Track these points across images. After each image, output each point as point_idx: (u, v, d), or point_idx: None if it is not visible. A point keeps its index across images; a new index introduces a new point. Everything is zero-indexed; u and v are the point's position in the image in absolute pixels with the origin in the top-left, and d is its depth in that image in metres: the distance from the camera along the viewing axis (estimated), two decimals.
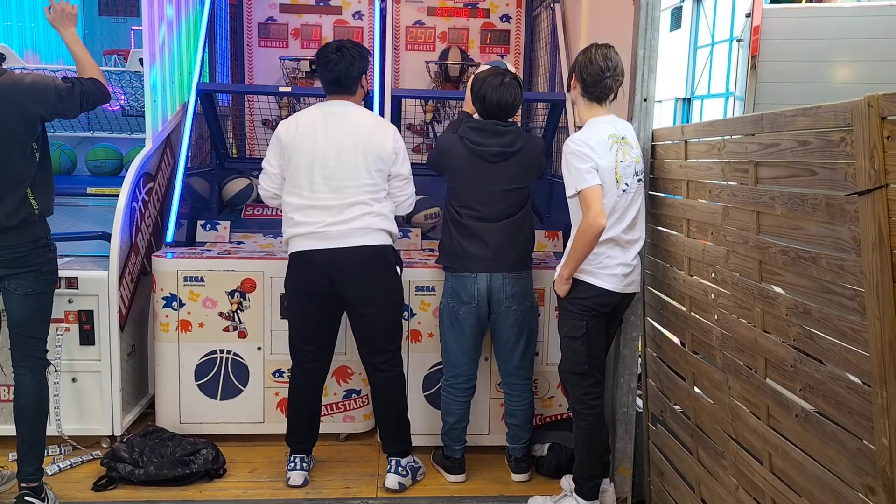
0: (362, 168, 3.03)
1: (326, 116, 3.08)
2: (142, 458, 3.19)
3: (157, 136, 3.78)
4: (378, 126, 3.13)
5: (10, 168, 2.77)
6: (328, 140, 3.03)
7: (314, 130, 3.05)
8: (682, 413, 2.83)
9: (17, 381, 2.92)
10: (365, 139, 3.05)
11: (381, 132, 3.10)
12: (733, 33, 9.75)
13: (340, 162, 3.02)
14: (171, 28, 3.93)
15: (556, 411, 3.60)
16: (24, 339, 2.91)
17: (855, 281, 1.74)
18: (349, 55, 3.05)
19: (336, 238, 3.00)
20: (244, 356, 3.52)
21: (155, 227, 3.89)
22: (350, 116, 3.09)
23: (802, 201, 1.96)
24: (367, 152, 3.04)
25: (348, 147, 3.03)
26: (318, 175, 3.02)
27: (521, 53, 5.14)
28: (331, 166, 3.02)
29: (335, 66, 3.05)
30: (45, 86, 2.81)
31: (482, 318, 3.17)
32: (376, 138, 3.07)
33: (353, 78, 3.10)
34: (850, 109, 1.70)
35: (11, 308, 2.87)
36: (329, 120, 3.07)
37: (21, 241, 2.82)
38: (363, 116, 3.15)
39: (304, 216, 3.03)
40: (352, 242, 3.00)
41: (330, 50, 3.07)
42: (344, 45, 3.09)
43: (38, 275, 2.87)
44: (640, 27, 2.96)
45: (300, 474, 3.24)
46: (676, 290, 2.84)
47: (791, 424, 2.05)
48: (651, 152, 3.04)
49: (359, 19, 5.01)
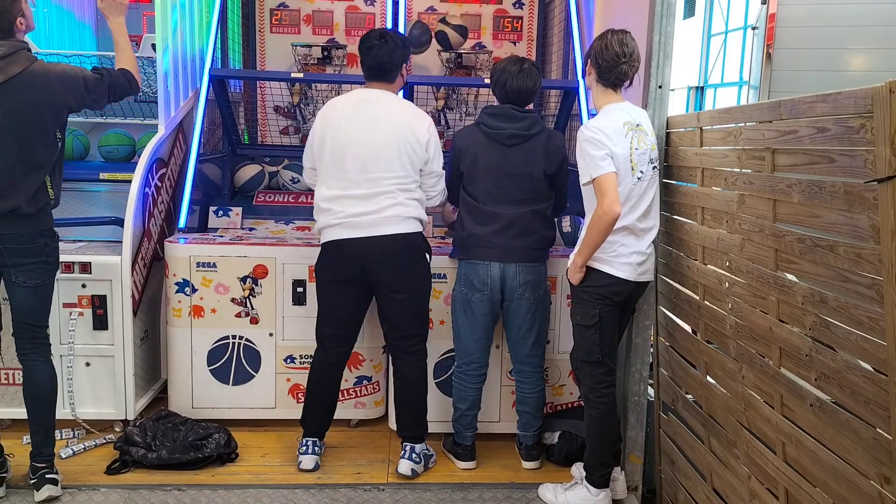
0: (395, 159, 3.04)
1: (361, 104, 3.11)
2: (154, 441, 3.21)
3: (170, 122, 3.78)
4: (414, 117, 3.13)
5: (31, 154, 2.79)
6: (363, 129, 3.05)
7: (347, 119, 3.07)
8: (695, 402, 2.82)
9: (31, 369, 2.92)
10: (401, 130, 3.06)
11: (417, 124, 3.10)
12: (747, 21, 9.65)
13: (375, 152, 3.03)
14: (183, 14, 3.92)
15: (567, 399, 3.60)
16: (33, 328, 2.92)
17: (873, 269, 1.72)
18: (392, 42, 3.09)
19: (368, 227, 3.02)
20: (256, 342, 3.53)
21: (167, 212, 3.90)
22: (386, 106, 3.11)
23: (820, 189, 1.94)
24: (401, 144, 3.05)
25: (383, 137, 3.04)
26: (350, 164, 3.04)
27: (534, 40, 5.11)
28: (364, 156, 3.03)
29: (378, 51, 3.07)
30: (74, 76, 2.84)
31: (495, 305, 3.17)
32: (412, 130, 3.07)
33: (395, 65, 3.12)
34: (870, 95, 1.68)
35: (19, 299, 2.87)
36: (364, 108, 3.09)
37: (34, 230, 2.84)
38: (400, 106, 3.17)
39: (338, 205, 3.04)
40: (383, 231, 3.02)
41: (374, 36, 3.12)
42: (387, 32, 3.16)
43: (45, 265, 2.89)
44: (656, 13, 2.94)
45: (312, 458, 3.25)
46: (690, 278, 2.82)
47: (805, 414, 2.04)
48: (666, 140, 3.02)
49: (371, 5, 4.99)
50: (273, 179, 4.29)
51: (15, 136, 2.74)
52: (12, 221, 2.78)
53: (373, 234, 3.02)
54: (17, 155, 2.76)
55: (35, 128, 2.77)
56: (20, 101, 2.73)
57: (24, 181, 2.78)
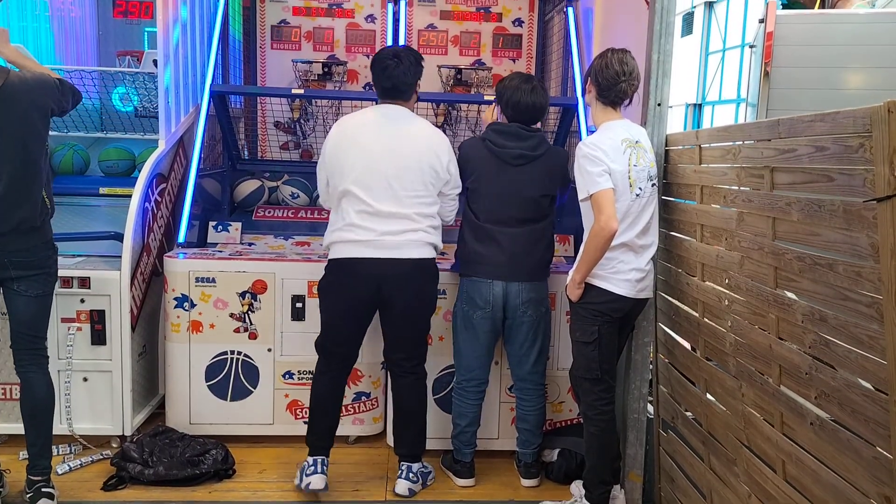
0: (418, 181, 3.02)
1: (382, 120, 3.07)
2: (151, 458, 3.20)
3: (171, 138, 3.79)
4: (436, 140, 3.11)
5: (35, 165, 2.81)
6: (386, 146, 3.01)
7: (369, 134, 3.04)
8: (694, 420, 2.81)
9: (29, 381, 2.92)
10: (424, 152, 3.03)
11: (438, 147, 3.08)
12: (745, 39, 9.71)
13: (400, 171, 2.99)
14: (185, 30, 3.94)
15: (567, 416, 3.59)
16: (31, 338, 2.92)
17: (873, 288, 1.72)
18: (406, 61, 3.05)
19: (389, 248, 2.98)
20: (254, 357, 3.53)
21: (167, 227, 3.90)
22: (409, 124, 3.09)
23: (819, 207, 1.94)
24: (424, 165, 3.02)
25: (408, 157, 3.01)
26: (375, 180, 2.99)
27: (534, 57, 5.14)
28: (390, 174, 2.98)
29: (393, 71, 3.03)
30: (47, 79, 2.89)
31: (497, 322, 3.16)
32: (434, 153, 3.06)
33: (409, 84, 3.09)
34: (869, 115, 1.69)
35: (19, 309, 2.88)
36: (386, 125, 3.05)
37: (39, 242, 2.87)
38: (422, 127, 3.13)
39: (360, 220, 2.99)
40: (403, 254, 3.00)
41: (387, 56, 3.07)
42: (400, 51, 3.10)
43: (47, 277, 2.92)
44: (655, 32, 2.96)
45: (321, 478, 3.11)
46: (689, 295, 2.82)
47: (805, 432, 2.03)
48: (665, 157, 3.03)
49: (371, 22, 5.02)
50: (273, 195, 4.30)
51: (15, 147, 2.76)
52: (23, 235, 2.80)
53: (393, 255, 2.99)
54: (21, 165, 2.78)
55: (31, 135, 2.79)
56: (11, 112, 2.75)
57: (30, 190, 2.80)
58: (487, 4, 5.08)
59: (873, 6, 7.58)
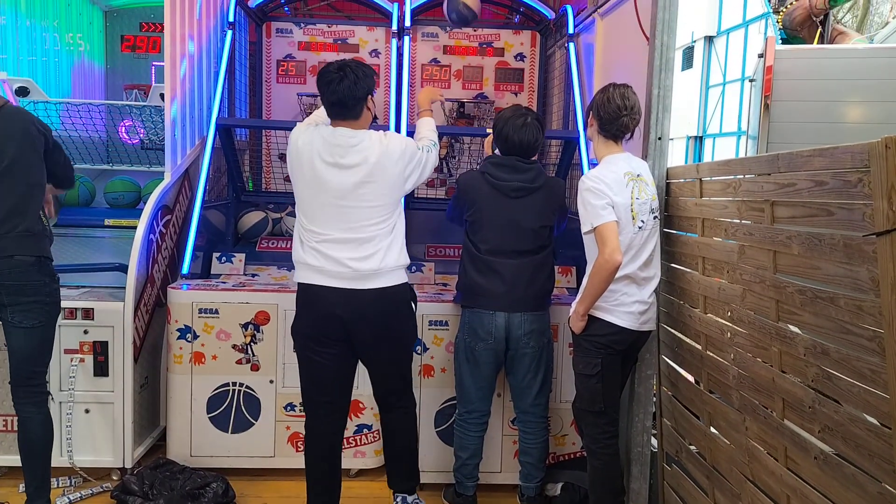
0: (375, 204, 2.82)
1: (328, 148, 2.81)
2: (152, 490, 3.18)
3: (176, 170, 3.83)
4: (386, 150, 2.83)
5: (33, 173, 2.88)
6: (331, 177, 2.80)
7: (315, 163, 2.81)
8: (698, 453, 2.79)
9: (25, 419, 2.87)
10: (374, 171, 2.80)
11: (388, 156, 2.83)
12: (745, 73, 9.81)
13: (350, 199, 2.81)
14: (192, 64, 4.00)
15: (570, 450, 3.56)
16: (29, 373, 2.87)
17: (874, 322, 1.73)
18: (352, 74, 2.76)
19: (351, 279, 2.81)
20: (256, 389, 3.52)
21: (171, 258, 3.92)
22: (355, 149, 2.81)
23: (820, 241, 1.96)
24: (378, 184, 2.82)
25: (358, 183, 2.80)
26: (326, 211, 2.83)
27: (535, 91, 5.21)
28: (340, 204, 2.81)
29: (337, 85, 2.75)
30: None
31: (499, 355, 3.16)
32: (386, 166, 2.82)
33: (358, 98, 2.79)
34: (867, 150, 1.71)
35: (15, 342, 2.83)
36: (332, 154, 2.80)
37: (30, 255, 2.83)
38: (369, 148, 2.82)
39: (320, 246, 2.82)
40: (369, 284, 2.82)
41: (331, 70, 2.79)
42: (346, 63, 2.80)
43: (43, 306, 2.86)
44: (655, 67, 3.00)
45: None
46: (692, 328, 2.82)
47: (810, 467, 2.02)
48: (666, 190, 3.05)
49: (376, 57, 5.09)
50: (276, 226, 4.33)
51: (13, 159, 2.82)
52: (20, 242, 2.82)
53: (358, 286, 2.81)
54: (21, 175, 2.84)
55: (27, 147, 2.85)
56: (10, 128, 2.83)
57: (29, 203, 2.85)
58: (490, 39, 5.16)
59: (871, 41, 7.67)
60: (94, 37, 5.07)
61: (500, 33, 5.20)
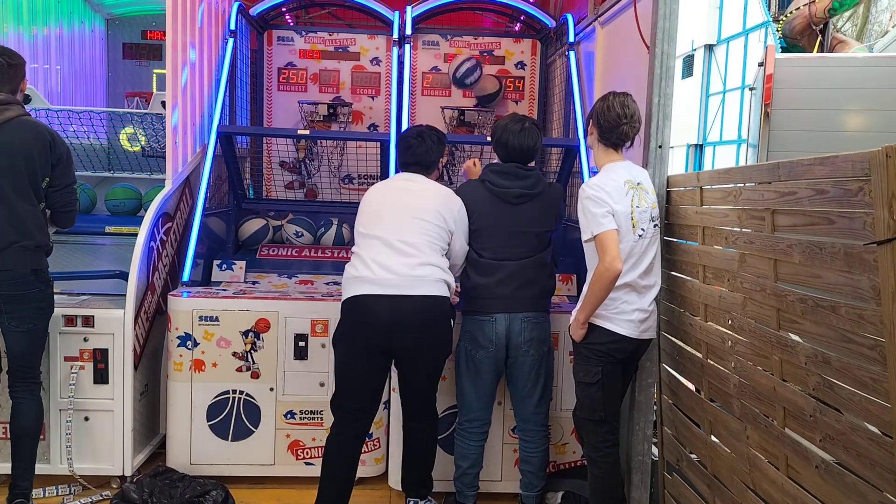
0: (431, 226, 3.04)
1: (402, 182, 3.21)
2: (151, 498, 3.16)
3: (177, 178, 3.83)
4: (451, 197, 3.17)
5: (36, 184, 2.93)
6: (400, 195, 3.12)
7: (391, 191, 3.17)
8: (699, 462, 2.79)
9: (19, 405, 3.04)
10: (438, 203, 3.10)
11: (451, 199, 3.15)
12: (745, 81, 9.84)
13: (415, 215, 3.05)
14: (193, 72, 4.01)
15: (571, 458, 3.55)
16: (25, 369, 3.05)
17: (875, 331, 1.73)
18: (429, 140, 3.20)
19: (397, 286, 2.94)
20: (256, 397, 3.51)
21: (171, 266, 3.91)
22: (425, 182, 3.20)
23: (820, 250, 1.96)
24: (435, 215, 3.06)
25: (421, 207, 3.06)
26: (387, 220, 3.05)
27: (536, 99, 5.21)
28: (405, 217, 3.04)
29: (415, 150, 3.19)
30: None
31: (499, 362, 3.15)
32: (445, 200, 3.12)
33: (433, 161, 3.25)
34: (867, 159, 1.71)
35: (12, 344, 3.01)
36: (405, 182, 3.19)
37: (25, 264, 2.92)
38: (438, 187, 3.22)
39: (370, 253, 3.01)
40: (414, 290, 2.95)
41: (411, 135, 3.23)
42: (424, 131, 3.24)
43: (38, 311, 3.02)
44: (656, 76, 3.01)
45: None
46: (692, 336, 2.82)
47: (811, 475, 2.01)
48: (666, 198, 3.05)
49: (376, 65, 5.11)
50: (277, 233, 4.33)
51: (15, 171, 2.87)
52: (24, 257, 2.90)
53: (404, 293, 2.94)
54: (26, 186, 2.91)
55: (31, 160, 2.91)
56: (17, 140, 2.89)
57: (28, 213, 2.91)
58: (490, 48, 5.17)
59: (871, 50, 7.69)
60: (95, 44, 5.09)
61: (500, 41, 5.21)
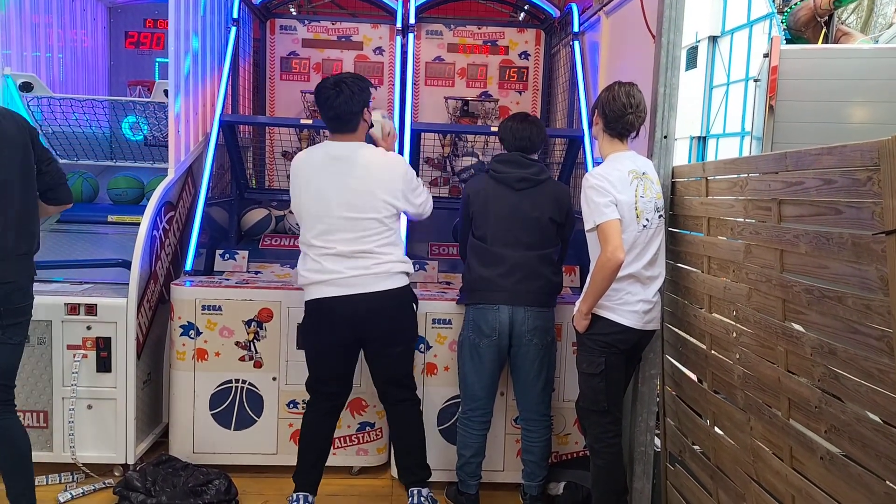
0: (374, 217, 2.95)
1: (329, 161, 2.97)
2: (154, 487, 3.17)
3: (180, 167, 3.82)
4: (386, 166, 3.02)
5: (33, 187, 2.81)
6: (334, 189, 2.94)
7: (318, 177, 2.97)
8: (702, 453, 2.78)
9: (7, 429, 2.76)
10: (375, 185, 2.96)
11: (389, 173, 3.01)
12: (749, 73, 9.79)
13: (351, 211, 2.94)
14: (195, 60, 3.99)
15: (573, 449, 3.56)
16: (4, 387, 2.78)
17: (882, 321, 1.71)
18: (348, 89, 2.91)
19: (357, 285, 2.93)
20: (259, 386, 3.51)
21: (174, 255, 3.91)
22: (355, 160, 2.97)
23: (828, 240, 1.94)
24: (378, 201, 2.96)
25: (358, 195, 2.94)
26: (329, 224, 2.95)
27: (540, 90, 5.20)
28: (342, 215, 2.93)
29: (334, 101, 2.91)
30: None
31: (502, 351, 3.15)
32: (386, 181, 2.98)
33: (354, 113, 2.95)
34: (876, 149, 1.70)
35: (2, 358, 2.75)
36: (333, 166, 2.96)
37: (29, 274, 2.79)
38: (370, 159, 3.00)
39: (325, 262, 2.95)
40: (373, 287, 2.94)
41: (328, 85, 2.93)
42: (342, 79, 2.95)
43: (27, 323, 2.83)
44: (661, 65, 2.99)
45: None
46: (696, 327, 2.81)
47: (815, 467, 2.01)
48: (671, 189, 3.04)
49: (380, 55, 5.09)
50: (279, 223, 4.32)
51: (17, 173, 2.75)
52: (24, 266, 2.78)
53: (363, 290, 2.93)
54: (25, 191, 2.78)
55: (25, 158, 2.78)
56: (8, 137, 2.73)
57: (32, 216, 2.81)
58: (494, 38, 5.15)
59: (876, 42, 7.65)
60: (97, 32, 5.06)
61: (504, 31, 5.19)
